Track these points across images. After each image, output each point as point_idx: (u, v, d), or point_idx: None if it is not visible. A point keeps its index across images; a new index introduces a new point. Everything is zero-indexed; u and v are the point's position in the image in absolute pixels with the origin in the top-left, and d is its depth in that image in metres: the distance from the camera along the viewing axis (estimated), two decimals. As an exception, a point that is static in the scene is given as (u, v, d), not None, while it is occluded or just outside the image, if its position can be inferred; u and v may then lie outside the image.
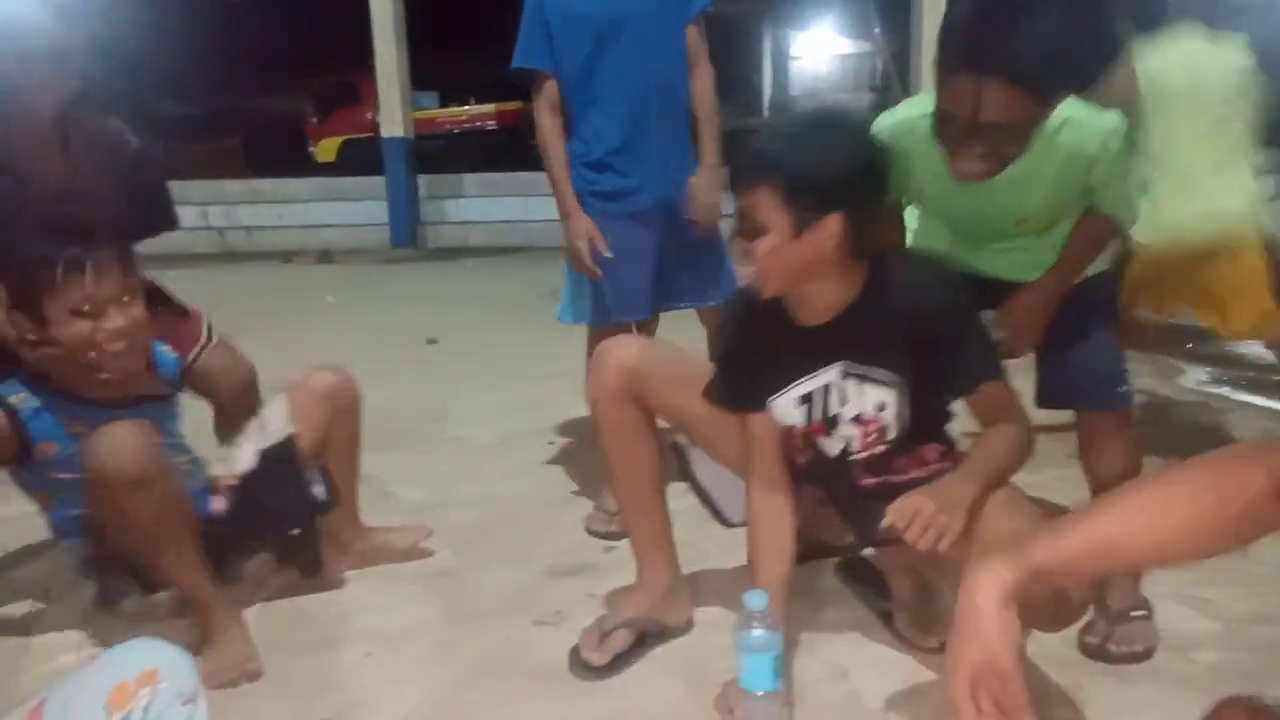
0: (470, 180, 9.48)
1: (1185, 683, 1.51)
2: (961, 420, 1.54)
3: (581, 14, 2.09)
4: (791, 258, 1.34)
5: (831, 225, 1.32)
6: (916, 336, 1.40)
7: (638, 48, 2.10)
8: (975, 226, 1.68)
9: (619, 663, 1.59)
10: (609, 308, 2.19)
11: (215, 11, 18.99)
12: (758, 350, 1.50)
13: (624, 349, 1.60)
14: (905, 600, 1.66)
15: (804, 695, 1.47)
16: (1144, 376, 3.22)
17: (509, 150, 15.42)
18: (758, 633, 1.29)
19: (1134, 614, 1.62)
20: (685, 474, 1.73)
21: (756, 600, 1.30)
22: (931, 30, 8.95)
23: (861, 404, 1.45)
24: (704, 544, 2.01)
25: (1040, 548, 0.95)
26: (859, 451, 1.49)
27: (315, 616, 1.80)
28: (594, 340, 2.19)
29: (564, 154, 2.18)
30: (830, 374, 1.45)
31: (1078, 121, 1.49)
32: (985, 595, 0.93)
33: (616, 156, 2.15)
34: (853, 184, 1.33)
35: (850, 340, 1.43)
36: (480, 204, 9.22)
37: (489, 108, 17.19)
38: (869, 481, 1.51)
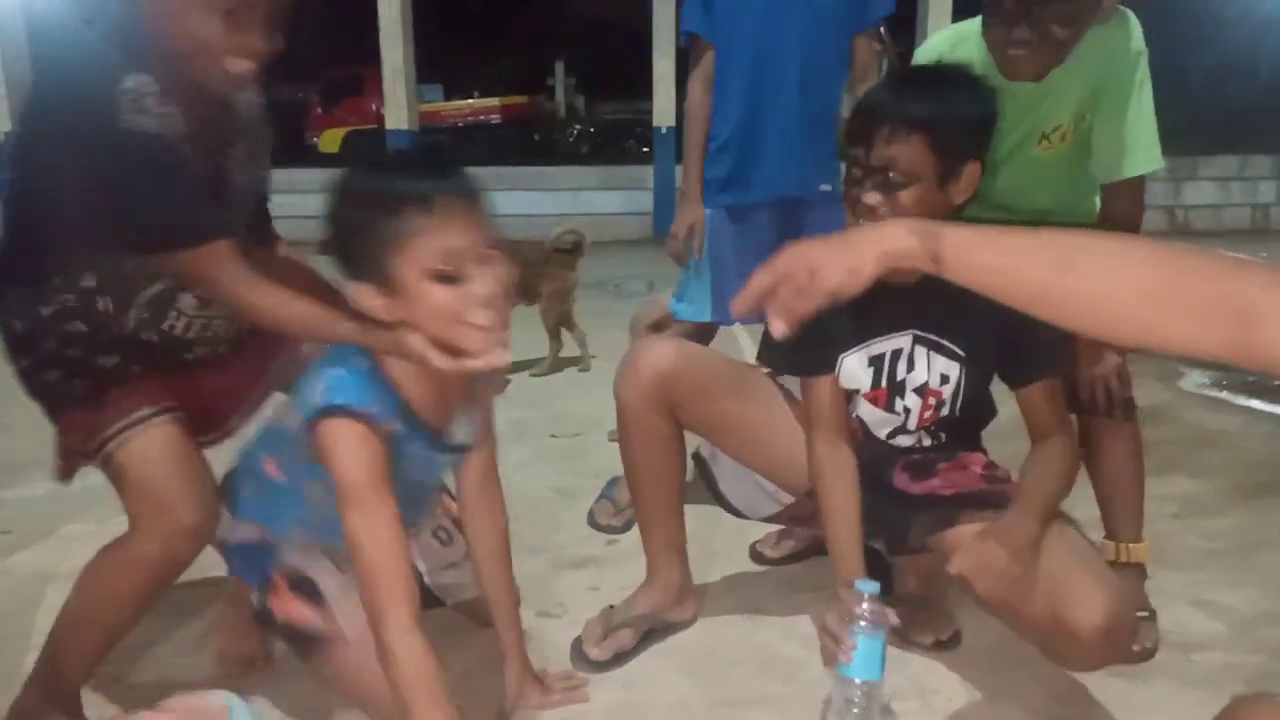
0: (474, 174, 9.49)
1: (1190, 683, 1.51)
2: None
3: None
4: (933, 207, 1.34)
5: (971, 173, 1.36)
6: (992, 315, 1.40)
7: (798, 33, 1.99)
8: (999, 155, 1.61)
9: (620, 659, 1.58)
10: (702, 307, 2.11)
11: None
12: (829, 308, 1.48)
13: (659, 351, 1.56)
14: (909, 597, 1.65)
15: (808, 692, 1.47)
16: (1145, 378, 3.22)
17: (513, 144, 15.43)
18: (865, 620, 1.27)
19: (1137, 614, 1.61)
20: (709, 486, 1.71)
21: (867, 586, 1.27)
22: (937, 28, 8.96)
23: (928, 374, 1.46)
24: (712, 541, 2.00)
25: (957, 242, 0.86)
26: (914, 428, 1.49)
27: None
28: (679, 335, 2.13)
29: (704, 134, 2.07)
30: (904, 339, 1.46)
31: (1112, 23, 1.50)
32: (872, 243, 0.89)
33: (737, 143, 2.05)
34: (987, 132, 1.38)
35: (930, 307, 1.43)
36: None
37: (493, 101, 17.16)
38: (912, 488, 1.49)
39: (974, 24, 1.58)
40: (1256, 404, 3.20)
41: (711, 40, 2.03)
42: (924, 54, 1.64)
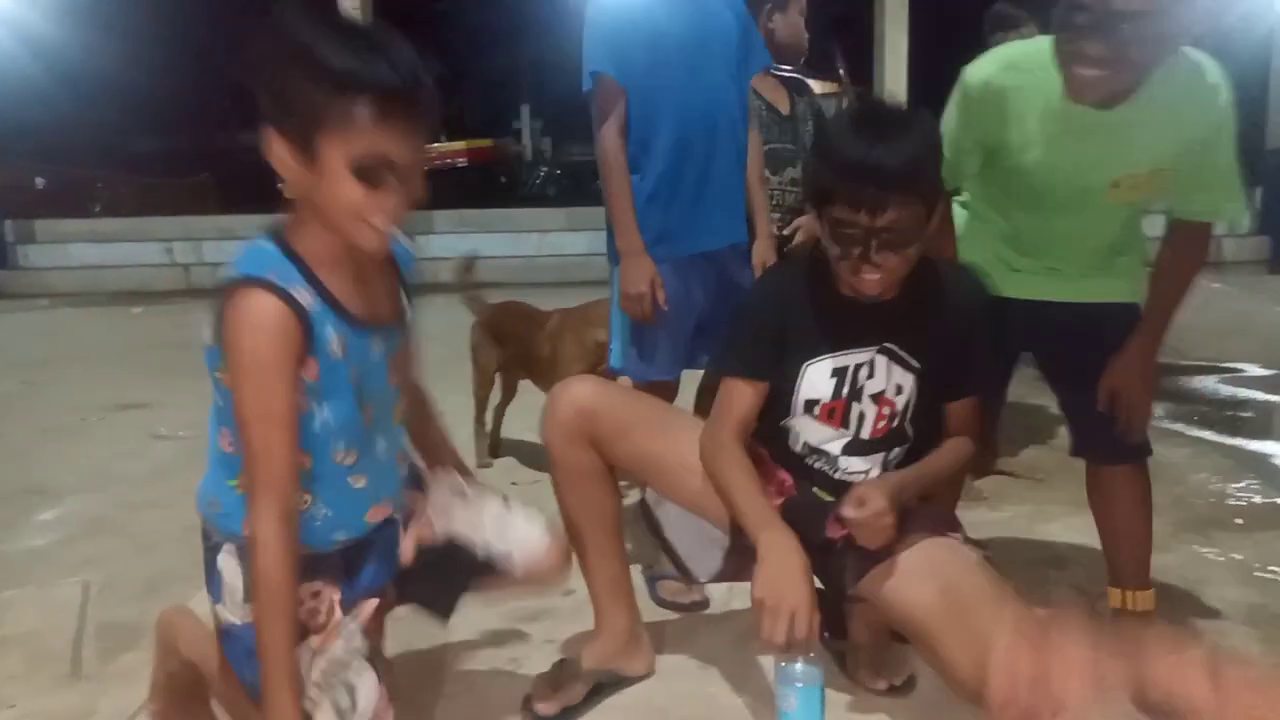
0: (441, 216, 9.52)
1: None
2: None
3: (665, 29, 1.90)
4: (916, 255, 1.39)
5: (941, 212, 1.42)
6: (950, 334, 1.48)
7: (715, 81, 1.95)
8: (1061, 195, 1.57)
9: (569, 714, 1.57)
10: (637, 363, 2.02)
11: (191, 45, 18.98)
12: (798, 315, 1.51)
13: (579, 388, 1.60)
14: (861, 641, 1.66)
15: (760, 742, 1.46)
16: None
17: (480, 187, 15.53)
18: (801, 666, 1.28)
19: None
20: (653, 533, 1.68)
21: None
22: (893, 70, 9.21)
23: (885, 383, 1.50)
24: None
25: None
26: (867, 436, 1.52)
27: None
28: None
29: (629, 182, 1.93)
30: (871, 353, 1.49)
31: (1199, 63, 1.47)
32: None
33: (666, 194, 1.94)
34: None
35: (899, 323, 1.47)
36: (450, 240, 9.20)
37: (459, 145, 17.31)
38: (838, 532, 1.50)
39: (1025, 47, 1.54)
40: (1207, 435, 3.26)
41: (623, 85, 1.91)
42: (973, 78, 1.56)
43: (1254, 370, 4.36)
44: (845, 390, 1.50)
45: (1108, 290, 1.66)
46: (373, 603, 1.34)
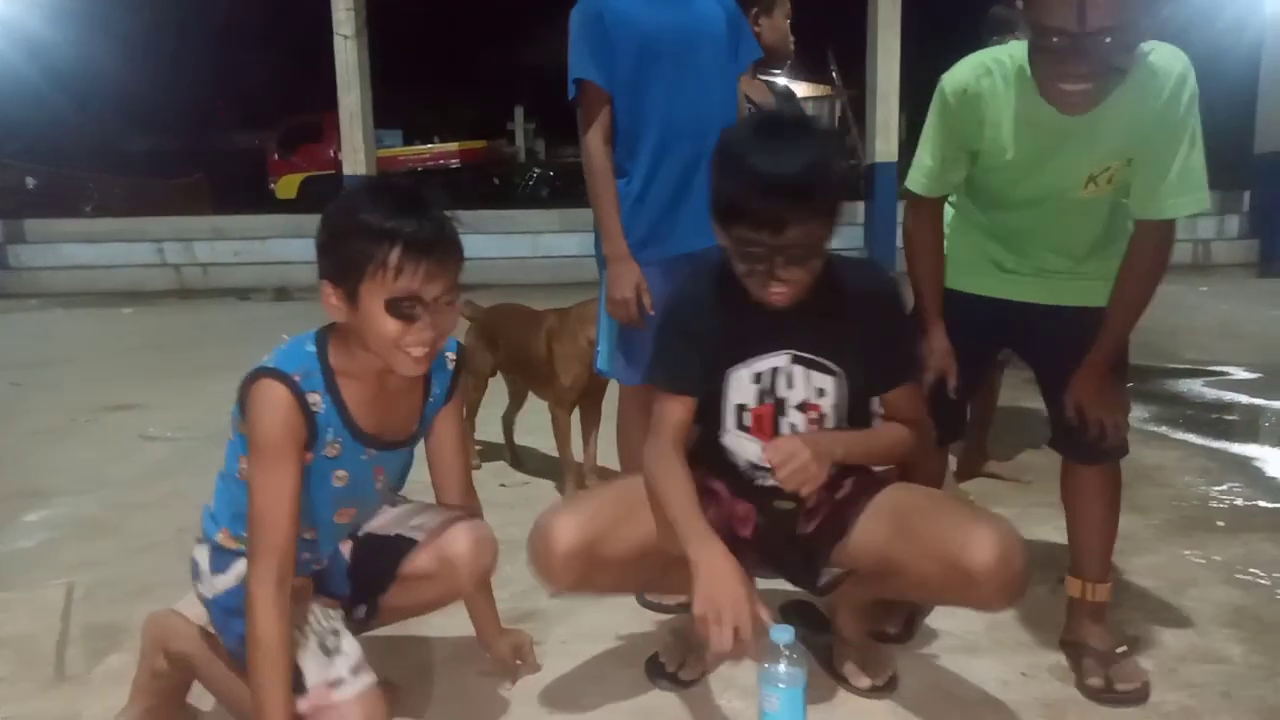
0: (455, 224, 9.59)
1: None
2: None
3: (651, 33, 1.90)
4: (821, 264, 1.41)
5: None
6: (857, 331, 1.49)
7: (703, 80, 1.94)
8: (1038, 194, 1.59)
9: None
10: (624, 367, 2.01)
11: (184, 46, 18.94)
12: (712, 324, 1.51)
13: (561, 530, 1.45)
14: (848, 638, 1.67)
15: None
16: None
17: (473, 188, 15.53)
18: (784, 667, 1.29)
19: (1118, 651, 1.65)
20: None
21: (783, 635, 1.30)
22: (886, 73, 9.24)
23: (806, 390, 1.51)
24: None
25: None
26: None
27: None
28: (624, 397, 2.08)
29: (614, 187, 1.94)
30: (781, 358, 1.50)
31: (1157, 48, 1.47)
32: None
33: (655, 196, 1.95)
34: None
35: (802, 327, 1.48)
36: (443, 241, 9.24)
37: (452, 146, 17.30)
38: (811, 526, 1.53)
39: (996, 53, 1.54)
40: (1192, 438, 3.29)
41: (608, 90, 1.93)
42: (950, 86, 1.56)
43: (1240, 374, 4.40)
44: (769, 396, 1.51)
45: (1095, 296, 1.66)
46: (334, 603, 1.45)
